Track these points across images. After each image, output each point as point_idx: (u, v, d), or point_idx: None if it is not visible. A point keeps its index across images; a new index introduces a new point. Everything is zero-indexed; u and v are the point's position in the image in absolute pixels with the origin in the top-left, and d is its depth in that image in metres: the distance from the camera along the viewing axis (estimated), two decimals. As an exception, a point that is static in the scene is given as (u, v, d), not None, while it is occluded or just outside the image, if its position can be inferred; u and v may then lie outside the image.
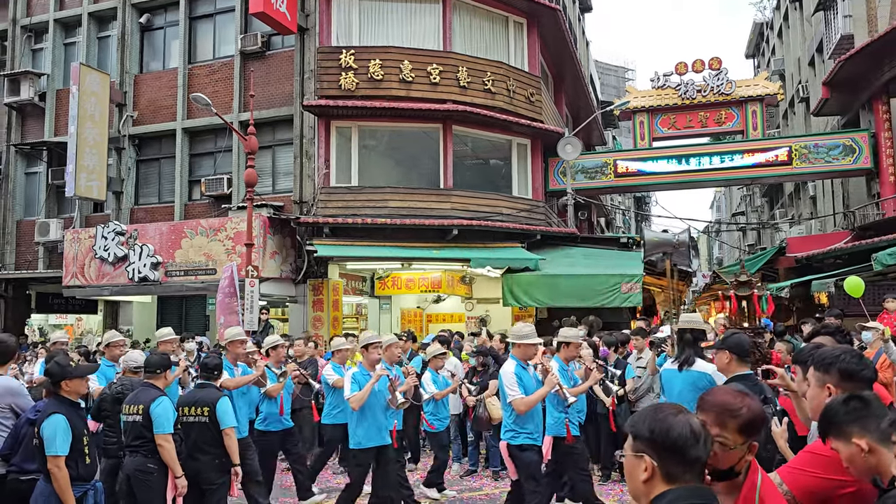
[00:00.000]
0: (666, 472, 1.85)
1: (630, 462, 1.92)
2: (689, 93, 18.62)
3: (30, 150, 18.48)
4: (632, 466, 1.91)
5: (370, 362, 6.58)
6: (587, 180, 18.18)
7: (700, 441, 1.87)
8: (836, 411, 2.36)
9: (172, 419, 5.41)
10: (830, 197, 22.55)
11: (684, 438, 1.85)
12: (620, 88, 43.60)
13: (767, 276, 18.21)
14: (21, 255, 18.11)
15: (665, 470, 1.85)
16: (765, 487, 2.23)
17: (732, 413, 2.22)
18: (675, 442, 1.85)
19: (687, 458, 1.85)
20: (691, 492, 1.84)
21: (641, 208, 46.96)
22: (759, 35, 36.20)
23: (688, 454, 1.85)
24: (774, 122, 29.78)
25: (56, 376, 4.94)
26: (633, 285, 13.57)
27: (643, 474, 1.87)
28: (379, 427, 6.49)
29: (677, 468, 1.85)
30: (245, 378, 7.17)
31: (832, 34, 19.52)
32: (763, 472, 2.30)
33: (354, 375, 6.47)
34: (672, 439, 1.85)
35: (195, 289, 14.80)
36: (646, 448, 1.88)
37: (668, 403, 2.04)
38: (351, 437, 6.50)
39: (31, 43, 19.07)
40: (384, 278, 16.88)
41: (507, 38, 17.18)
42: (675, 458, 1.85)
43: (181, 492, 5.35)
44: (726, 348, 4.43)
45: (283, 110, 15.78)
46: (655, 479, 1.86)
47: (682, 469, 1.85)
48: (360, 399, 6.30)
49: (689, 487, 1.85)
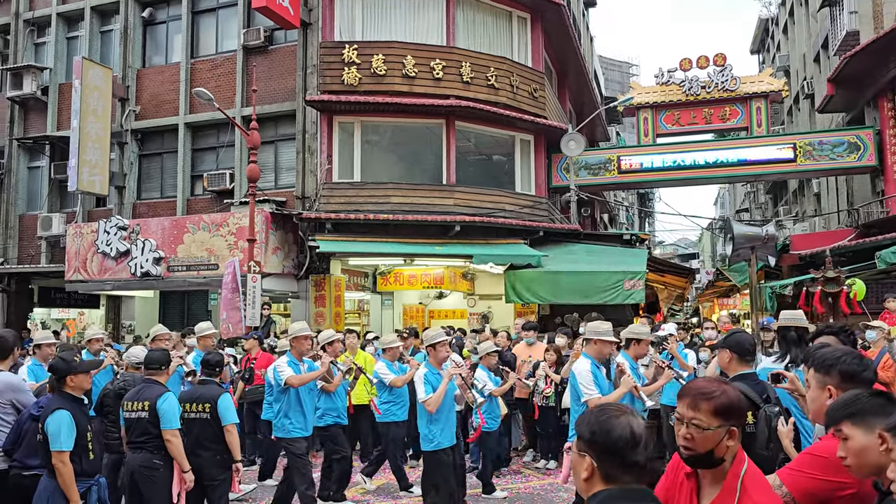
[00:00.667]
0: (605, 473, 1.91)
1: (575, 460, 1.99)
2: (693, 89, 18.55)
3: (32, 145, 18.48)
4: (576, 464, 1.99)
5: (438, 361, 6.43)
6: (590, 176, 18.12)
7: (640, 445, 1.92)
8: (864, 401, 2.34)
9: (178, 414, 5.45)
10: (835, 194, 22.47)
11: (623, 441, 1.90)
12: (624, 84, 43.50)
13: (771, 273, 18.17)
14: (23, 250, 18.12)
15: (604, 471, 1.91)
16: (748, 477, 2.26)
17: (706, 396, 2.28)
18: (615, 444, 1.91)
19: (625, 461, 1.90)
20: (624, 492, 1.89)
21: (645, 205, 46.89)
22: (765, 31, 36.07)
23: (626, 456, 1.90)
24: (779, 119, 29.68)
25: (61, 371, 4.95)
26: (635, 282, 13.55)
27: (584, 473, 1.94)
28: (452, 426, 6.41)
29: (615, 469, 1.91)
30: (311, 374, 6.96)
31: (837, 30, 19.42)
32: (750, 463, 2.32)
33: (426, 376, 6.29)
34: (611, 441, 1.91)
35: (197, 284, 14.80)
36: (587, 448, 1.94)
37: (614, 404, 2.09)
38: (425, 439, 6.30)
39: (33, 37, 19.06)
40: (386, 274, 16.88)
41: (511, 34, 17.12)
42: (614, 459, 1.91)
43: (189, 486, 5.39)
44: (727, 347, 4.39)
45: (285, 105, 15.75)
46: (595, 478, 1.93)
47: (621, 470, 1.91)
48: (436, 401, 6.14)
49: (623, 488, 1.89)
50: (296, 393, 6.75)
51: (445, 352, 6.45)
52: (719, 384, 2.36)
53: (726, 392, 2.31)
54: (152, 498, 5.33)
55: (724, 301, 28.17)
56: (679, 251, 64.12)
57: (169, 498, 5.38)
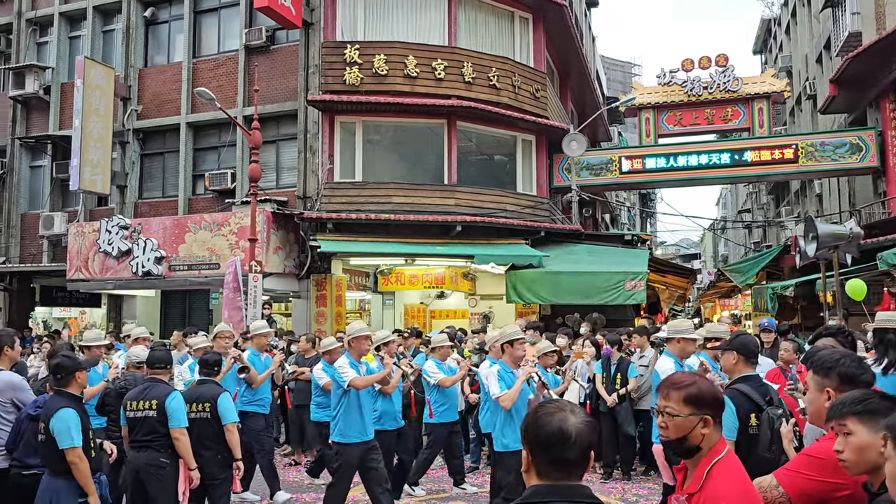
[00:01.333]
0: (537, 467, 2.01)
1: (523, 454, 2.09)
2: (695, 89, 18.54)
3: (34, 144, 18.50)
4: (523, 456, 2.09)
5: (514, 359, 6.36)
6: (592, 177, 18.12)
7: (568, 442, 1.97)
8: (875, 401, 2.35)
9: (186, 413, 5.47)
10: (836, 195, 22.45)
11: (552, 438, 1.97)
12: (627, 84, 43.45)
13: (772, 274, 18.16)
14: (25, 249, 18.14)
15: (536, 465, 2.01)
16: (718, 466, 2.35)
17: (676, 386, 2.44)
18: (543, 440, 1.98)
19: (552, 457, 1.98)
20: (550, 489, 1.97)
21: (647, 205, 46.87)
22: (767, 31, 36.04)
23: (554, 453, 1.97)
24: (781, 120, 29.65)
25: (69, 369, 4.98)
26: (637, 283, 13.54)
27: (523, 465, 2.05)
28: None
29: (544, 464, 1.99)
30: (375, 376, 6.69)
31: (840, 31, 19.40)
32: (728, 455, 2.40)
33: (500, 373, 6.21)
34: (540, 437, 1.99)
35: (199, 283, 14.81)
36: (523, 441, 2.05)
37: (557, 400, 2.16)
38: (498, 439, 6.21)
39: (35, 36, 19.08)
40: (387, 274, 16.88)
41: (513, 34, 17.12)
42: (542, 454, 1.99)
43: (195, 484, 5.41)
44: (733, 349, 4.40)
45: (287, 105, 15.75)
46: (531, 471, 2.03)
47: (549, 466, 1.98)
48: (511, 397, 6.01)
49: (550, 484, 1.98)
50: (356, 395, 6.41)
51: (522, 350, 6.39)
52: (693, 376, 2.50)
53: (697, 383, 2.44)
54: (158, 496, 5.35)
55: (725, 302, 28.17)
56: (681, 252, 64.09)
57: (175, 496, 5.40)
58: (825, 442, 2.70)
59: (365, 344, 6.67)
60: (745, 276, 17.10)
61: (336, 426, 6.40)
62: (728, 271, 19.02)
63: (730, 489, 2.28)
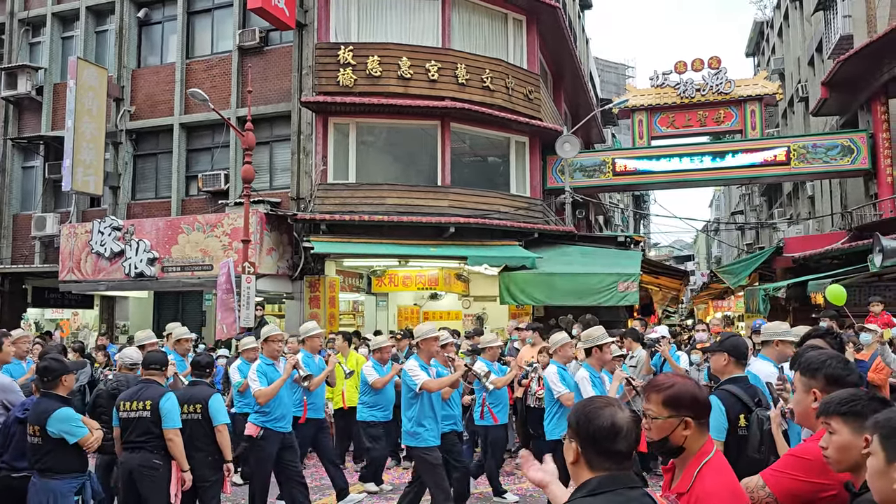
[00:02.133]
0: (588, 460, 2.10)
1: (565, 445, 2.19)
2: (688, 92, 18.60)
3: (27, 144, 18.44)
4: (565, 449, 2.18)
5: (567, 359, 6.38)
6: (585, 178, 18.16)
7: (621, 434, 2.09)
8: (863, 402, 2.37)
9: (179, 414, 5.49)
10: (828, 197, 22.57)
11: (604, 431, 2.08)
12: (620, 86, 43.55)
13: (765, 275, 18.23)
14: (17, 250, 18.07)
15: (587, 457, 2.10)
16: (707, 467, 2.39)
17: (657, 388, 2.49)
18: (595, 433, 2.08)
19: (605, 449, 2.08)
20: (612, 479, 2.06)
21: (640, 207, 46.98)
22: (760, 34, 36.20)
23: (606, 445, 2.08)
24: (773, 122, 29.77)
25: (58, 372, 5.00)
26: (629, 284, 13.58)
27: (571, 456, 2.14)
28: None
29: (596, 457, 2.08)
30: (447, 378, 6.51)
31: (832, 34, 19.50)
32: (716, 456, 2.44)
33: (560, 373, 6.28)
34: (592, 431, 2.09)
35: (192, 284, 14.78)
36: (573, 435, 2.14)
37: (602, 396, 2.29)
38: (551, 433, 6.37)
39: (28, 36, 19.01)
40: (381, 275, 16.88)
41: (507, 36, 17.14)
42: (595, 447, 2.09)
43: (188, 486, 5.42)
44: (724, 350, 4.41)
45: (280, 106, 15.74)
46: (580, 463, 2.12)
47: (601, 458, 2.08)
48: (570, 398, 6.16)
49: (609, 475, 2.07)
50: (429, 398, 6.28)
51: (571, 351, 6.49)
52: (675, 378, 2.53)
53: (677, 384, 2.47)
54: (151, 497, 5.36)
55: (718, 303, 28.27)
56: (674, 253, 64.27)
57: (167, 497, 5.41)
58: (811, 443, 2.71)
59: (435, 345, 6.50)
60: (738, 277, 17.15)
61: (409, 430, 6.25)
62: (721, 273, 19.08)
63: (719, 489, 2.31)
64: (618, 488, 2.05)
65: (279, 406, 6.75)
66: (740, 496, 2.40)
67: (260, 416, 6.72)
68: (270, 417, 6.70)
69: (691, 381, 2.54)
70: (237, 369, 8.31)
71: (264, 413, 6.70)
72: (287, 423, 6.88)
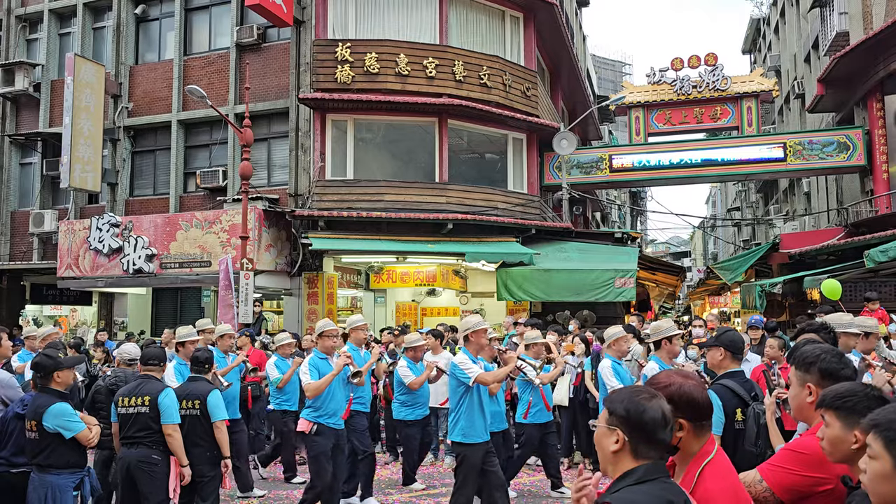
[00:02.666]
0: (634, 448, 2.12)
1: (602, 432, 2.18)
2: (684, 88, 18.64)
3: (24, 141, 18.43)
4: (603, 437, 2.18)
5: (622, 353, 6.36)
6: (582, 175, 18.20)
7: (668, 426, 2.14)
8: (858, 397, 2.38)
9: (178, 409, 5.52)
10: (824, 193, 22.63)
11: (655, 422, 2.11)
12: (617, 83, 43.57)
13: (761, 271, 18.29)
14: (15, 246, 18.07)
15: (633, 446, 2.11)
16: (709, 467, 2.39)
17: (655, 386, 2.45)
18: (647, 424, 2.11)
19: (653, 439, 2.12)
20: (656, 467, 2.11)
21: (637, 203, 47.01)
22: (756, 31, 36.22)
23: (655, 435, 2.11)
24: (769, 119, 29.82)
25: (48, 368, 5.00)
26: (626, 280, 13.63)
27: (613, 445, 2.13)
28: None
29: (644, 446, 2.11)
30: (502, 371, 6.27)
31: (828, 31, 19.54)
32: (718, 455, 2.43)
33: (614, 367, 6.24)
34: (644, 421, 2.11)
35: (190, 281, 14.80)
36: (620, 424, 2.14)
37: (645, 387, 2.29)
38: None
39: (25, 33, 18.99)
40: (379, 272, 16.91)
41: (504, 33, 17.17)
42: (644, 437, 2.11)
43: (187, 481, 5.43)
44: (721, 345, 4.44)
45: (278, 103, 15.75)
46: (624, 451, 2.12)
47: (648, 448, 2.12)
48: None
49: (652, 464, 2.11)
50: (478, 393, 6.04)
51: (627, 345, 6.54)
52: (675, 377, 2.49)
53: (673, 384, 2.43)
54: (150, 493, 5.37)
55: (714, 299, 28.34)
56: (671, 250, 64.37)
57: (166, 492, 5.43)
58: (808, 437, 2.73)
59: (485, 338, 6.29)
60: (734, 273, 17.21)
61: (457, 426, 6.02)
62: (717, 269, 19.14)
63: (722, 490, 2.33)
64: (661, 477, 2.10)
65: (331, 401, 6.62)
66: (742, 497, 2.41)
67: (312, 411, 6.58)
68: (322, 413, 6.57)
69: (692, 382, 2.46)
70: (274, 365, 8.40)
71: (316, 409, 6.57)
72: (338, 420, 6.75)
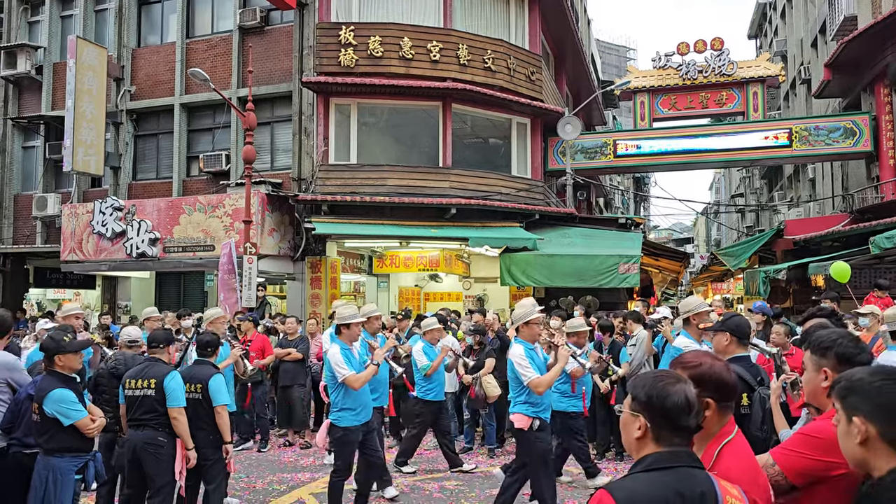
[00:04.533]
0: (656, 434, 2.08)
1: (626, 418, 2.16)
2: (690, 73, 18.53)
3: (27, 124, 18.38)
4: (627, 422, 2.15)
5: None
6: (586, 160, 18.12)
7: (692, 411, 2.08)
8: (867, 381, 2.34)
9: (184, 392, 5.49)
10: (830, 179, 22.52)
11: (678, 408, 2.06)
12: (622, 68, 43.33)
13: (765, 258, 18.26)
14: (19, 230, 18.08)
15: (656, 432, 2.08)
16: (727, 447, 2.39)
17: (682, 365, 2.45)
18: (670, 410, 2.06)
19: (677, 425, 2.07)
20: (671, 455, 2.06)
21: (641, 189, 46.89)
22: (762, 15, 35.96)
23: (678, 421, 2.07)
24: (775, 104, 29.65)
25: (50, 351, 5.00)
26: (630, 266, 13.60)
27: (637, 432, 2.11)
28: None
29: (666, 432, 2.07)
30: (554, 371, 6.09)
31: (836, 15, 19.37)
32: (737, 437, 2.43)
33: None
34: (667, 407, 2.07)
35: (193, 265, 14.81)
36: (642, 410, 2.10)
37: (669, 371, 2.25)
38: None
39: (27, 15, 18.89)
40: (382, 256, 16.90)
41: (509, 16, 17.04)
42: (667, 423, 2.07)
43: (192, 463, 5.43)
44: (726, 330, 4.41)
45: (281, 86, 15.68)
46: (646, 437, 2.09)
47: (671, 433, 2.07)
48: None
49: (670, 451, 2.06)
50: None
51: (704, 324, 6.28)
52: (704, 358, 2.46)
53: (703, 364, 2.42)
54: (156, 474, 5.39)
55: (717, 286, 28.32)
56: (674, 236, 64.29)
57: (172, 474, 5.45)
58: (822, 421, 2.71)
59: (538, 329, 6.15)
60: (738, 259, 17.17)
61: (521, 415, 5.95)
62: (721, 255, 19.11)
63: (742, 470, 2.33)
64: (679, 465, 2.04)
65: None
66: (761, 478, 2.40)
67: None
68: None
69: (721, 363, 2.47)
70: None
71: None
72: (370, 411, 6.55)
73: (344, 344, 6.23)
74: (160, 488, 5.42)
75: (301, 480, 8.11)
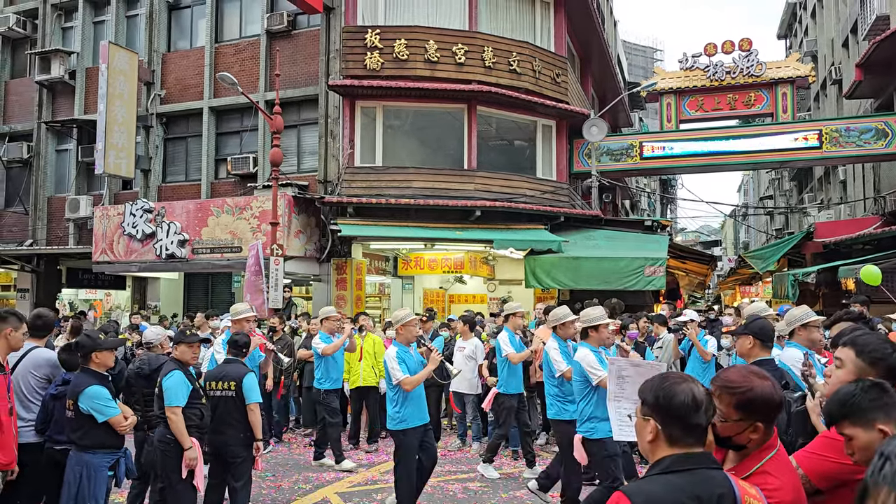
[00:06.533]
0: (668, 435, 2.07)
1: (639, 423, 2.16)
2: (717, 74, 18.35)
3: (60, 128, 18.76)
4: (640, 427, 2.15)
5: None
6: (612, 162, 18.03)
7: (701, 409, 2.07)
8: (859, 397, 2.35)
9: (184, 393, 5.42)
10: (861, 181, 22.16)
11: (686, 406, 2.06)
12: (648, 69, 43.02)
13: (794, 261, 18.03)
14: (52, 231, 18.45)
15: (668, 433, 2.07)
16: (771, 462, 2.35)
17: (730, 390, 2.37)
18: (678, 409, 2.06)
19: (687, 424, 2.06)
20: (687, 457, 2.05)
21: (667, 191, 46.52)
22: (792, 15, 35.48)
23: (688, 420, 2.06)
24: (805, 105, 29.24)
25: (87, 348, 5.11)
26: (656, 269, 13.51)
27: (649, 435, 2.10)
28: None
29: (678, 432, 2.06)
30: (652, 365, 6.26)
31: (867, 14, 19.07)
32: (780, 452, 2.39)
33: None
34: (675, 406, 2.06)
35: (221, 266, 15.00)
36: (651, 412, 2.11)
37: (676, 372, 2.25)
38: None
39: (61, 21, 19.29)
40: (407, 258, 16.97)
41: (534, 18, 17.04)
42: (677, 423, 2.06)
43: (190, 465, 5.39)
44: (750, 333, 4.38)
45: (308, 90, 15.83)
46: (659, 440, 2.09)
47: (683, 433, 2.06)
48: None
49: (686, 453, 2.05)
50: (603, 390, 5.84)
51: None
52: (751, 378, 2.37)
53: (753, 388, 2.34)
54: (166, 471, 5.46)
55: (746, 289, 27.99)
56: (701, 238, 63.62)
57: (180, 473, 5.41)
58: None
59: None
60: (767, 262, 16.97)
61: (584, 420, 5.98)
62: (749, 258, 18.89)
63: (785, 485, 2.31)
64: (696, 467, 2.03)
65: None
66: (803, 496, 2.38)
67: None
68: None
69: (769, 383, 2.37)
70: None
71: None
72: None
73: (402, 345, 6.32)
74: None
75: (326, 480, 8.18)
